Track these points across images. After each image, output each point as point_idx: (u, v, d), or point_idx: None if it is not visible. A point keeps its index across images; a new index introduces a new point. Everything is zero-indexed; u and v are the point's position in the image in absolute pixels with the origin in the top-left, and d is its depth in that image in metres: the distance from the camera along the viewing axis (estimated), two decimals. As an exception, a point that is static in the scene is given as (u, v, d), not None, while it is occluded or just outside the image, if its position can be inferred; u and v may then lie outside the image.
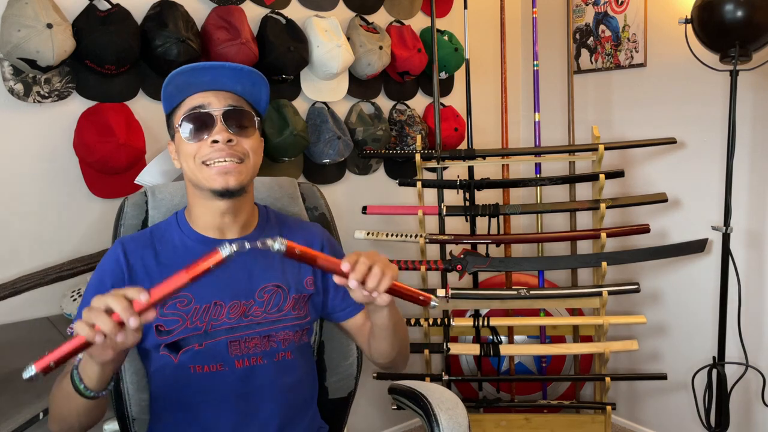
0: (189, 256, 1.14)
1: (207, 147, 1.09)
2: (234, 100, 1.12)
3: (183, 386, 1.15)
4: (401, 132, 2.37)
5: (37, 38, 1.54)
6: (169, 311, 1.12)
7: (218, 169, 1.08)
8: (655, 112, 2.34)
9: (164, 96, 1.14)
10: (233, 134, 1.09)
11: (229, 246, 0.84)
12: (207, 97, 1.11)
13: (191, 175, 1.12)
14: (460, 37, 2.45)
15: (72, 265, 1.69)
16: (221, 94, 1.12)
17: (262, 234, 1.21)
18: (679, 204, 2.31)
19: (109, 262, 1.15)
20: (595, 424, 2.22)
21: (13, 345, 1.55)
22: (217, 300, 1.14)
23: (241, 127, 1.11)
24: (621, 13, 2.39)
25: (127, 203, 1.35)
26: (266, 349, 1.17)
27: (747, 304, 2.10)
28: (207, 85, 1.12)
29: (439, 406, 1.26)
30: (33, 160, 1.72)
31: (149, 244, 1.17)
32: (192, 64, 1.11)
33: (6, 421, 1.14)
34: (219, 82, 1.12)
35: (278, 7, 2.10)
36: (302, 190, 1.50)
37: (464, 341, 2.41)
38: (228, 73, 1.12)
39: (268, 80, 1.18)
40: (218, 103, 1.10)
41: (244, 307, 1.15)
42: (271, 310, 1.17)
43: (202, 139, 1.09)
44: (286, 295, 1.19)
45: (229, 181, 1.09)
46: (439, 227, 2.29)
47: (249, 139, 1.12)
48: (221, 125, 1.09)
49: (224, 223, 1.16)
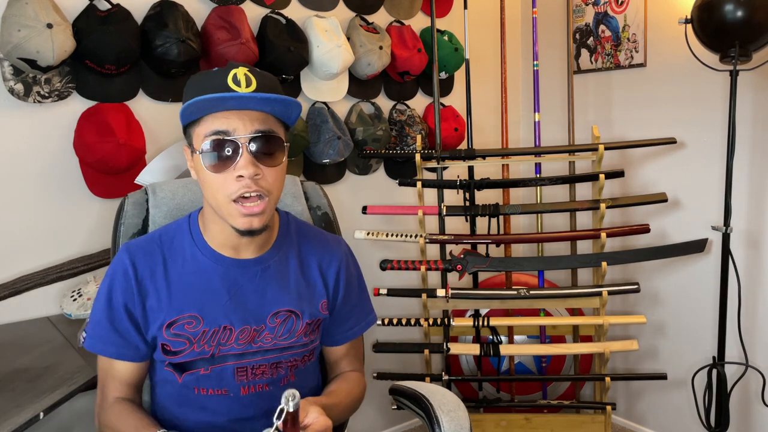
0: (200, 276, 1.11)
1: (233, 182, 0.99)
2: (261, 122, 1.01)
3: (183, 403, 1.14)
4: (401, 132, 2.37)
5: (37, 38, 1.54)
6: (176, 331, 1.09)
7: (244, 211, 1.00)
8: (655, 112, 2.34)
9: (182, 113, 1.03)
10: (260, 166, 1.00)
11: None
12: (231, 121, 0.99)
13: (213, 204, 1.04)
14: (460, 37, 2.45)
15: (72, 265, 1.69)
16: (247, 116, 1.00)
17: (278, 253, 1.15)
18: (679, 204, 2.31)
19: (118, 274, 1.10)
20: (595, 424, 2.22)
21: (13, 345, 1.55)
22: (226, 324, 1.10)
23: (268, 156, 1.01)
24: (621, 13, 2.39)
25: (128, 202, 1.31)
26: (273, 377, 1.14)
27: (747, 304, 2.10)
28: (232, 105, 1.01)
29: (441, 408, 1.25)
30: (33, 160, 1.72)
31: (158, 252, 1.12)
32: (218, 94, 0.98)
33: (6, 421, 1.14)
34: (246, 105, 1.00)
35: (278, 7, 2.10)
36: (305, 188, 1.47)
37: (464, 341, 2.40)
38: (256, 100, 1.00)
39: None
40: (244, 129, 0.99)
41: (254, 332, 1.11)
42: (282, 336, 1.13)
43: (226, 170, 1.00)
44: (299, 321, 1.14)
45: (254, 223, 1.02)
46: (439, 227, 2.29)
47: (275, 169, 1.03)
48: (247, 156, 0.99)
49: (241, 244, 1.11)
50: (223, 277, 1.11)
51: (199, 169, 1.04)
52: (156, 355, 1.12)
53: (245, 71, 1.01)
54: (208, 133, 1.00)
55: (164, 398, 1.16)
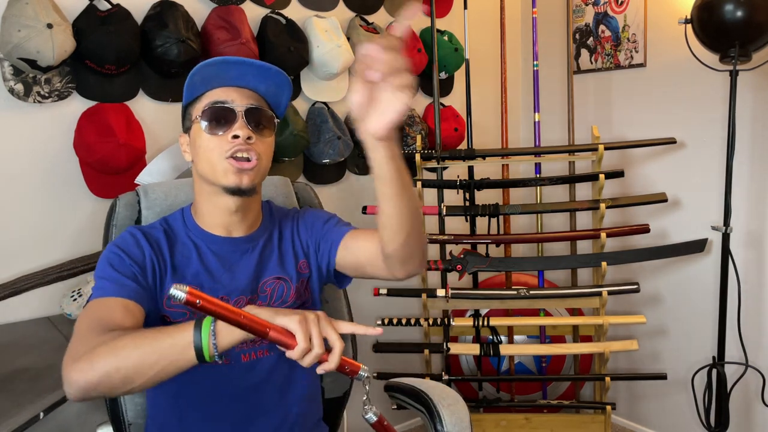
0: (196, 255, 1.16)
1: (227, 142, 1.08)
2: (255, 100, 1.13)
3: (185, 382, 1.14)
4: (401, 132, 2.37)
5: (38, 38, 1.54)
6: (176, 302, 1.10)
7: (237, 166, 1.08)
8: (655, 112, 2.34)
9: (188, 86, 1.12)
10: (252, 132, 1.09)
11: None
12: (229, 93, 1.11)
13: (205, 168, 1.11)
14: (460, 37, 2.45)
15: (72, 265, 1.69)
16: (244, 92, 1.12)
17: (265, 232, 1.22)
18: (679, 204, 2.31)
19: (128, 241, 1.11)
20: (595, 424, 2.22)
21: (13, 345, 1.55)
22: (223, 295, 1.14)
23: (260, 127, 1.11)
24: (621, 13, 2.39)
25: (119, 203, 1.32)
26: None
27: (747, 304, 2.10)
28: (232, 80, 1.11)
29: (441, 402, 1.26)
30: (33, 160, 1.72)
31: (162, 233, 1.16)
32: (221, 57, 1.10)
33: (6, 421, 1.14)
34: (244, 78, 1.11)
35: (278, 7, 2.10)
36: (296, 189, 1.50)
37: (464, 341, 2.40)
38: (254, 71, 1.11)
39: None
40: (240, 100, 1.10)
41: (249, 301, 1.16)
42: (275, 302, 1.19)
43: (222, 133, 1.09)
44: (288, 286, 1.20)
45: (243, 180, 1.09)
46: (439, 227, 2.29)
47: (265, 140, 1.13)
48: (242, 122, 1.09)
49: (232, 222, 1.17)
50: (217, 255, 1.17)
51: (196, 136, 1.12)
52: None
53: (245, 58, 1.12)
54: (208, 104, 1.10)
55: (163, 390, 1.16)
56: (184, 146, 1.18)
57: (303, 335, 0.83)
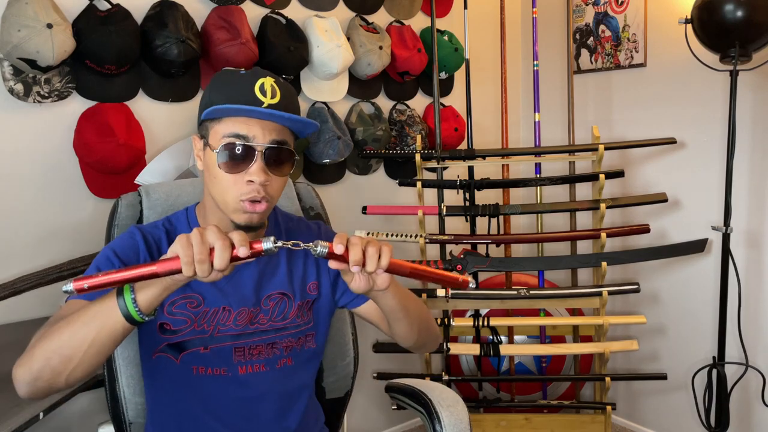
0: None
1: (243, 185, 1.03)
2: (278, 133, 1.05)
3: (183, 388, 1.15)
4: (401, 132, 2.37)
5: (37, 38, 1.54)
6: (177, 311, 1.11)
7: (249, 209, 1.04)
8: (655, 112, 2.34)
9: (206, 113, 1.05)
10: (270, 174, 1.04)
11: (273, 242, 0.85)
12: (252, 127, 1.03)
13: (216, 197, 1.07)
14: (460, 37, 2.45)
15: (72, 265, 1.69)
16: (267, 126, 1.04)
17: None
18: (679, 204, 2.31)
19: (126, 241, 1.11)
20: (595, 424, 2.22)
21: (13, 345, 1.55)
22: (225, 305, 1.13)
23: (279, 165, 1.06)
24: (621, 13, 2.39)
25: (121, 203, 1.32)
26: (269, 357, 1.16)
27: (747, 304, 2.10)
28: (258, 114, 1.04)
29: (440, 403, 1.26)
30: (33, 160, 1.72)
31: (164, 234, 1.14)
32: (246, 107, 1.01)
33: (6, 421, 1.14)
34: (272, 116, 1.04)
35: (278, 7, 2.10)
36: (298, 189, 1.50)
37: (464, 341, 2.40)
38: (281, 118, 1.04)
39: None
40: (262, 137, 1.03)
41: (251, 314, 1.15)
42: (277, 317, 1.17)
43: (239, 172, 1.03)
44: (291, 303, 1.19)
45: (253, 219, 1.06)
46: (439, 227, 2.29)
47: (282, 178, 1.08)
48: (260, 163, 1.03)
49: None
50: None
51: (210, 164, 1.07)
52: (150, 340, 1.12)
53: (272, 82, 1.05)
54: (227, 134, 1.04)
55: (162, 383, 1.17)
56: (197, 150, 1.12)
57: (182, 248, 0.82)
